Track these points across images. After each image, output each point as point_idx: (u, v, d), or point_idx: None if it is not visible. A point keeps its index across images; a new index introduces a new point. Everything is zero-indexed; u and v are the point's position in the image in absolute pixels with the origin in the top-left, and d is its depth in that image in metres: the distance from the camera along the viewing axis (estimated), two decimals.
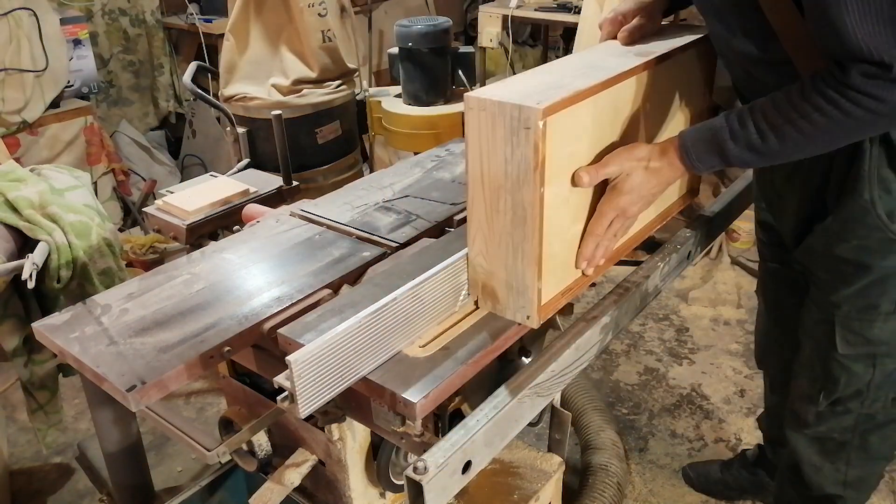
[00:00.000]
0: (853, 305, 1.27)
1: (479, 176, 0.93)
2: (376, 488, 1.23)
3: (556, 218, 0.97)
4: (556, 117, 0.89)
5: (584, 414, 2.10)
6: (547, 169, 0.90)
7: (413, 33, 2.47)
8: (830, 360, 1.34)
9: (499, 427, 0.91)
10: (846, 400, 1.37)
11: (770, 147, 1.00)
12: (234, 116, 2.41)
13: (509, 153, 0.89)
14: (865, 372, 1.32)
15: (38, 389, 1.59)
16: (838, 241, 1.22)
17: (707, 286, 2.99)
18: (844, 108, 0.94)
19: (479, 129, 0.90)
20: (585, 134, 0.99)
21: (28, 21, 2.88)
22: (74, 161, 3.10)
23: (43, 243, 1.40)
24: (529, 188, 0.89)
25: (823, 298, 1.31)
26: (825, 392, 1.38)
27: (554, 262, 0.99)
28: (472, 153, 0.93)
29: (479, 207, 0.96)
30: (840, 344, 1.31)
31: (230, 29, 2.45)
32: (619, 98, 1.05)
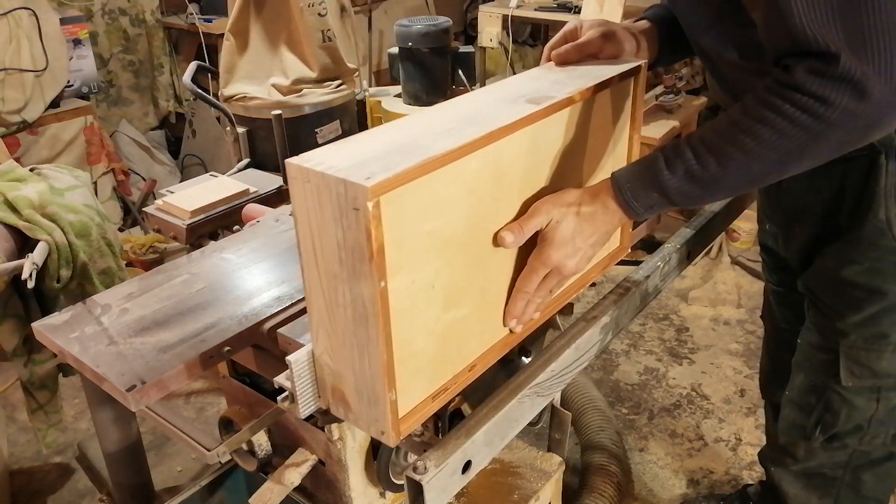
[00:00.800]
0: (861, 334, 1.18)
1: (314, 259, 0.75)
2: (376, 488, 1.23)
3: (418, 310, 0.79)
4: (398, 193, 0.70)
5: (584, 414, 2.10)
6: (393, 256, 0.71)
7: (413, 33, 2.48)
8: (830, 393, 1.25)
9: (499, 427, 0.91)
10: (844, 435, 1.28)
11: (711, 173, 0.86)
12: (234, 116, 2.41)
13: (341, 237, 0.70)
14: (868, 406, 1.23)
15: (38, 389, 1.59)
16: (849, 263, 1.14)
17: (707, 286, 2.99)
18: (789, 114, 0.81)
19: (306, 203, 0.72)
20: (454, 204, 0.80)
21: (28, 21, 2.88)
22: (74, 161, 3.10)
23: (43, 243, 1.40)
24: (367, 282, 0.71)
25: (828, 325, 1.22)
26: (822, 426, 1.29)
27: (419, 360, 0.81)
28: (302, 231, 0.74)
29: (318, 296, 0.77)
30: (844, 375, 1.21)
31: (230, 29, 2.44)
32: (506, 154, 0.85)
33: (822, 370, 1.26)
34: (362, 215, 0.67)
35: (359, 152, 0.73)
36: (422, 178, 0.73)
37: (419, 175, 0.72)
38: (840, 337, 1.20)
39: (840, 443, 1.29)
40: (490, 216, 0.87)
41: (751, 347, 2.62)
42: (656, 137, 2.97)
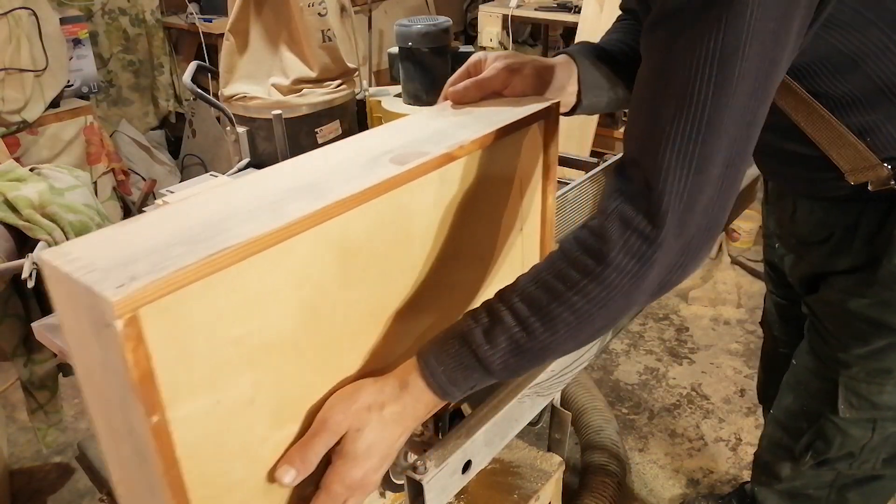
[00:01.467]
0: (864, 367, 1.13)
1: (85, 375, 0.60)
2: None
3: (232, 433, 0.63)
4: (172, 301, 0.53)
5: (584, 413, 2.10)
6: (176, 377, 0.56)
7: (413, 33, 2.47)
8: (825, 421, 1.22)
9: (499, 427, 0.91)
10: (835, 461, 1.25)
11: (539, 340, 0.72)
12: (234, 116, 2.41)
13: (102, 357, 0.55)
14: (863, 436, 1.20)
15: (38, 389, 1.59)
16: (857, 296, 1.10)
17: (707, 286, 2.99)
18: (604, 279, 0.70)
19: (65, 310, 0.56)
20: (276, 300, 0.63)
21: (28, 20, 2.88)
22: (74, 161, 3.10)
23: (43, 243, 1.40)
24: (136, 415, 0.55)
25: (829, 354, 1.18)
26: (814, 451, 1.26)
27: (240, 494, 0.67)
28: (69, 340, 0.59)
29: (98, 419, 0.62)
30: (843, 407, 1.18)
31: (230, 28, 2.44)
32: (354, 229, 0.68)
33: (817, 397, 1.22)
34: (113, 334, 0.51)
35: (138, 239, 0.56)
36: (214, 275, 0.55)
37: (207, 273, 0.55)
38: (841, 368, 1.16)
39: (830, 467, 1.27)
40: (335, 306, 0.70)
41: (751, 347, 2.62)
42: None
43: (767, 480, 1.40)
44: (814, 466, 1.28)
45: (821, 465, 1.27)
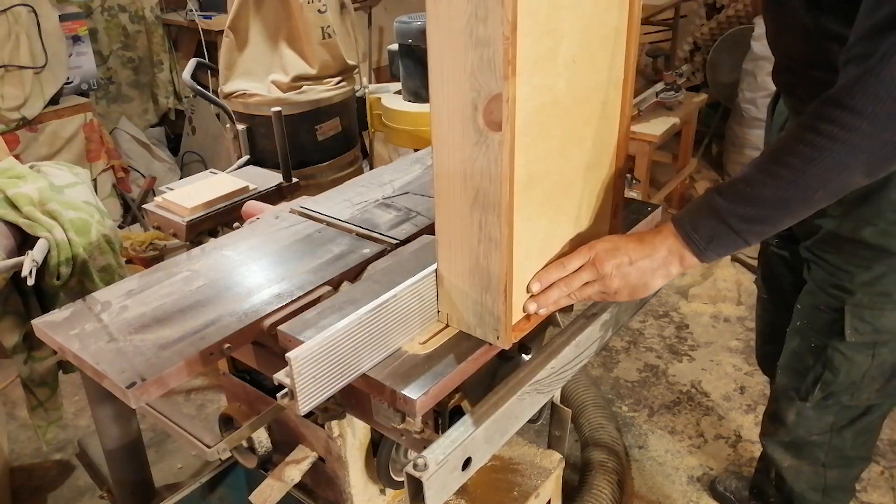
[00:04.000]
0: (867, 292, 1.24)
1: None
2: (376, 485, 1.23)
3: None
4: None
5: (584, 411, 2.10)
6: None
7: (413, 30, 2.47)
8: (832, 351, 1.32)
9: (499, 424, 0.91)
10: (839, 392, 1.35)
11: (761, 192, 0.89)
12: (234, 113, 2.41)
13: None
14: (864, 361, 1.31)
15: (39, 386, 1.59)
16: (866, 224, 1.18)
17: (707, 283, 2.99)
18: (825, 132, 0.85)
19: None
20: None
21: (27, 17, 2.88)
22: (74, 158, 3.10)
23: (42, 240, 1.40)
24: None
25: (835, 284, 1.28)
26: (822, 384, 1.35)
27: None
28: None
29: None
30: (849, 332, 1.28)
31: (230, 25, 2.44)
32: None
33: (824, 330, 1.31)
34: None
35: None
36: None
37: None
38: (847, 296, 1.26)
39: (834, 399, 1.36)
40: None
41: (751, 345, 2.62)
42: (656, 134, 2.97)
43: (775, 431, 1.47)
44: (820, 402, 1.37)
45: (827, 399, 1.36)
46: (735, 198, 0.90)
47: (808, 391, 1.37)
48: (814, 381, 1.36)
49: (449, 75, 0.80)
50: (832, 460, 1.46)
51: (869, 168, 0.87)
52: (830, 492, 1.52)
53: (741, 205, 0.89)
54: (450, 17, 0.77)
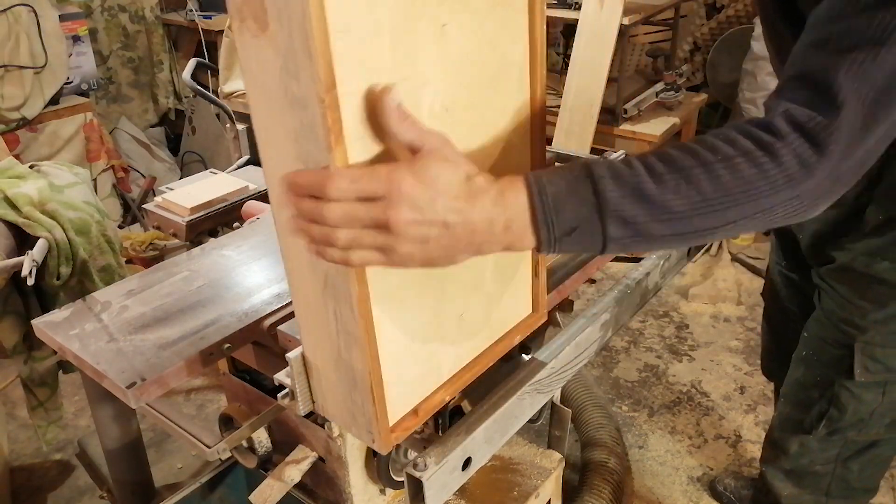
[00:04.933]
0: (880, 331, 1.17)
1: None
2: (376, 485, 1.23)
3: None
4: None
5: (584, 410, 2.10)
6: None
7: None
8: (839, 388, 1.25)
9: (499, 424, 0.91)
10: (846, 429, 1.29)
11: (665, 196, 0.65)
12: (234, 113, 2.41)
13: None
14: (874, 400, 1.24)
15: (38, 386, 1.59)
16: (879, 259, 1.12)
17: (707, 283, 2.99)
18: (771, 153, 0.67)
19: None
20: None
21: (27, 17, 2.88)
22: (74, 158, 3.09)
23: (42, 240, 1.40)
24: None
25: (846, 319, 1.21)
26: (828, 420, 1.29)
27: None
28: None
29: None
30: (859, 371, 1.21)
31: (230, 25, 2.44)
32: None
33: (831, 365, 1.25)
34: None
35: None
36: None
37: None
38: (858, 333, 1.19)
39: (840, 435, 1.30)
40: None
41: (751, 345, 2.63)
42: (656, 134, 2.96)
43: (776, 459, 1.41)
44: (825, 436, 1.30)
45: (832, 434, 1.30)
46: (632, 191, 0.66)
47: (812, 425, 1.31)
48: (818, 417, 1.30)
49: (273, 139, 0.65)
50: (836, 491, 1.40)
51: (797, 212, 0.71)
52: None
53: (633, 203, 0.66)
54: (262, 70, 0.61)
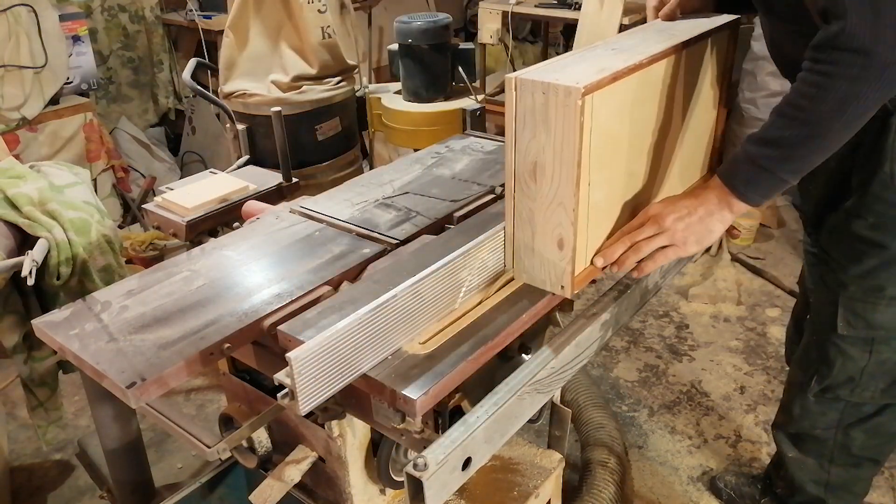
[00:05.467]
0: (860, 286, 1.26)
1: None
2: (376, 485, 1.23)
3: None
4: None
5: (583, 410, 2.10)
6: None
7: (413, 30, 2.47)
8: (829, 344, 1.33)
9: (499, 424, 0.91)
10: (837, 387, 1.36)
11: (781, 134, 0.98)
12: (234, 113, 2.41)
13: None
14: (861, 357, 1.32)
15: (38, 386, 1.59)
16: (857, 217, 1.22)
17: (707, 283, 2.99)
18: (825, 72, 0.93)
19: None
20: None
21: (27, 17, 2.87)
22: (74, 158, 3.09)
23: (42, 240, 1.40)
24: None
25: (832, 278, 1.30)
26: (818, 376, 1.37)
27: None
28: None
29: None
30: (841, 325, 1.30)
31: (230, 25, 2.44)
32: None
33: (825, 323, 1.33)
34: None
35: None
36: None
37: None
38: (840, 288, 1.28)
39: (832, 394, 1.37)
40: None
41: (751, 345, 2.63)
42: None
43: (783, 421, 1.49)
44: (819, 395, 1.38)
45: (825, 392, 1.37)
46: (760, 142, 0.99)
47: (807, 383, 1.40)
48: (812, 374, 1.38)
49: None
50: (838, 458, 1.46)
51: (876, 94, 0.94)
52: (834, 489, 1.52)
53: (766, 147, 0.98)
54: None
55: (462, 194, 1.38)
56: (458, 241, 1.09)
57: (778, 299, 2.87)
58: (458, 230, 1.23)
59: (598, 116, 0.95)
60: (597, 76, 0.93)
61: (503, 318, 1.00)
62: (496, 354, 1.00)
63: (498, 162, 1.55)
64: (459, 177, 1.48)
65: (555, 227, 0.98)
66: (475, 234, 1.07)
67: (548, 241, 1.00)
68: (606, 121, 0.98)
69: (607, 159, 1.01)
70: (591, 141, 0.95)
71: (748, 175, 1.01)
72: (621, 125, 1.02)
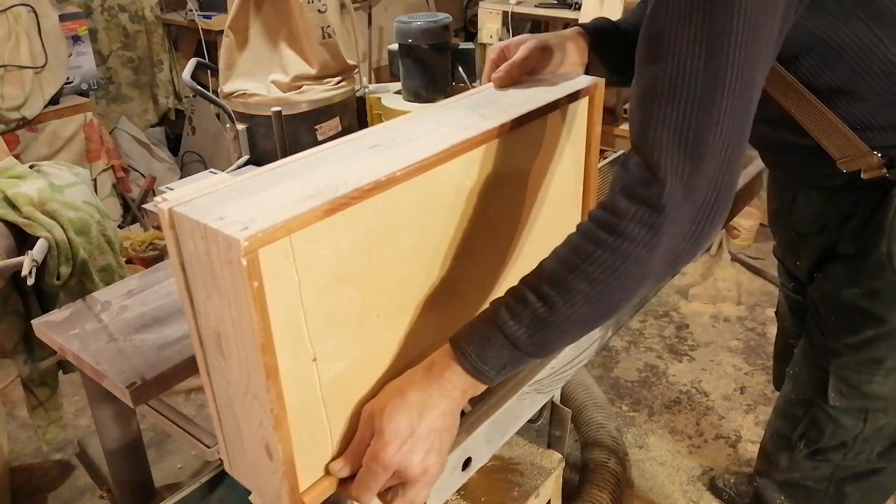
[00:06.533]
0: (854, 357, 1.15)
1: None
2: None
3: None
4: None
5: (584, 410, 2.10)
6: None
7: (413, 30, 2.47)
8: (817, 409, 1.23)
9: (499, 424, 0.91)
10: (828, 451, 1.26)
11: (560, 313, 0.75)
12: (234, 113, 2.41)
13: None
14: (855, 426, 1.20)
15: (38, 386, 1.59)
16: (848, 285, 1.11)
17: (707, 283, 2.99)
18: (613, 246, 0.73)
19: None
20: None
21: (27, 17, 2.87)
22: (74, 158, 3.09)
23: (42, 240, 1.40)
24: None
25: (822, 342, 1.19)
26: (806, 440, 1.27)
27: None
28: None
29: None
30: (833, 395, 1.19)
31: (229, 25, 2.44)
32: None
33: (810, 385, 1.23)
34: None
35: None
36: None
37: None
38: (833, 357, 1.17)
39: (823, 457, 1.27)
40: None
41: (751, 344, 2.63)
42: None
43: (768, 470, 1.39)
44: (808, 456, 1.28)
45: (815, 455, 1.28)
46: (531, 323, 0.76)
47: (795, 442, 1.29)
48: (800, 436, 1.28)
49: None
50: None
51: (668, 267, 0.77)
52: None
53: (538, 331, 0.76)
54: None
55: None
56: None
57: None
58: None
59: (314, 263, 0.66)
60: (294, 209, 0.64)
61: None
62: None
63: None
64: None
65: (257, 427, 0.69)
66: None
67: (255, 442, 0.72)
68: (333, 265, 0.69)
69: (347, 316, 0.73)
70: (306, 299, 0.66)
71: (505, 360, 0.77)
72: (370, 260, 0.73)
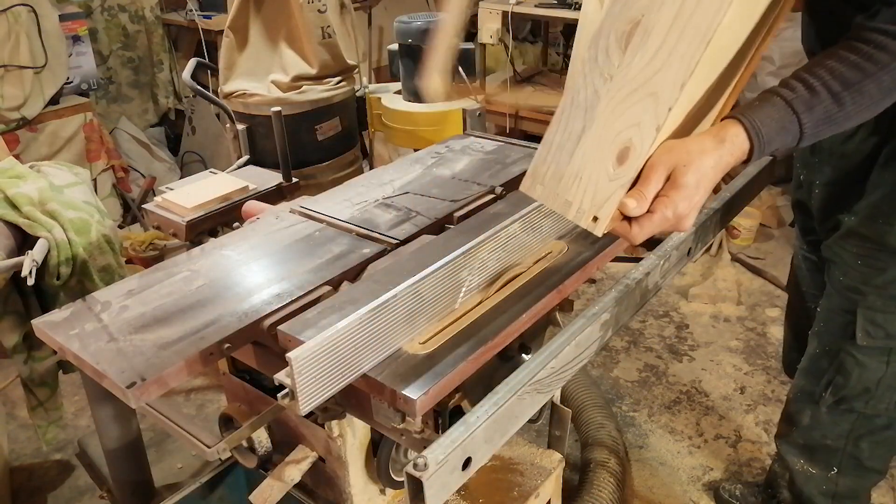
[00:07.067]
0: (881, 295, 1.23)
1: None
2: (376, 485, 1.23)
3: None
4: None
5: (584, 410, 2.10)
6: None
7: (413, 29, 2.47)
8: (844, 355, 1.30)
9: (499, 424, 0.91)
10: (852, 398, 1.33)
11: (846, 112, 0.89)
12: (234, 113, 2.41)
13: None
14: (878, 367, 1.28)
15: (38, 386, 1.59)
16: (881, 223, 1.17)
17: (707, 283, 2.99)
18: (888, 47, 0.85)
19: None
20: None
21: (27, 17, 2.88)
22: (74, 158, 3.09)
23: (42, 240, 1.40)
24: None
25: (849, 285, 1.26)
26: (833, 387, 1.33)
27: None
28: None
29: None
30: (860, 335, 1.26)
31: (230, 25, 2.44)
32: None
33: (838, 332, 1.30)
34: None
35: None
36: None
37: None
38: (860, 297, 1.24)
39: (847, 405, 1.34)
40: None
41: (750, 345, 2.63)
42: None
43: (790, 432, 1.46)
44: (833, 406, 1.35)
45: (839, 404, 1.34)
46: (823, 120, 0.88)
47: (821, 393, 1.36)
48: (826, 385, 1.35)
49: None
50: (847, 468, 1.44)
51: None
52: (841, 499, 1.50)
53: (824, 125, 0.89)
54: None
55: (462, 194, 1.38)
56: (458, 241, 1.09)
57: (778, 299, 2.87)
58: (458, 230, 1.23)
59: None
60: None
61: (503, 318, 1.00)
62: (496, 354, 1.00)
63: (498, 162, 1.55)
64: (459, 177, 1.48)
65: (626, 127, 0.73)
66: (475, 234, 1.07)
67: (604, 147, 0.74)
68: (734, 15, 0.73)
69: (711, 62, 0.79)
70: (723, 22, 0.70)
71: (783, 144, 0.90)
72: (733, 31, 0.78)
